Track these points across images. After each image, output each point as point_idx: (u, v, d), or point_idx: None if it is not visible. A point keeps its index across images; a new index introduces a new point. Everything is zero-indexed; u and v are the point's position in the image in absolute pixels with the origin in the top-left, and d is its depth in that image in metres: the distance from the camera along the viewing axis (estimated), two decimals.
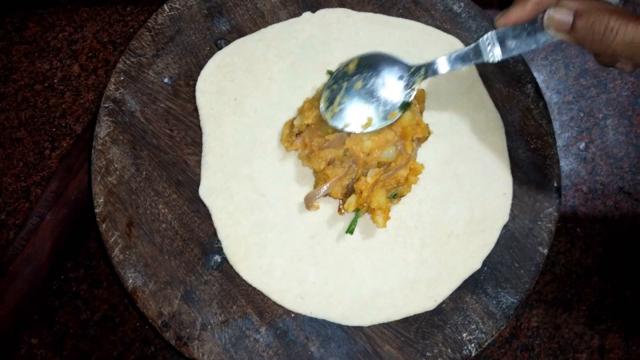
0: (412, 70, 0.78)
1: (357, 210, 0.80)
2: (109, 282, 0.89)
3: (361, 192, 0.77)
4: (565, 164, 0.99)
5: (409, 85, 0.78)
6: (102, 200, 0.78)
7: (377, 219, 0.78)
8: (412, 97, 0.78)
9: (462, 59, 0.75)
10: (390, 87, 0.79)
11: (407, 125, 0.79)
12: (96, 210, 0.78)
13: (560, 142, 0.99)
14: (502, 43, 0.70)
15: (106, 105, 0.82)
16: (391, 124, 0.78)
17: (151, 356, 0.87)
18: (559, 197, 0.84)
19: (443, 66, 0.77)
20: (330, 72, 0.85)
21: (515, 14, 0.68)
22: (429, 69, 0.77)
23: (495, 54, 0.71)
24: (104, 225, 0.78)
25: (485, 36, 0.71)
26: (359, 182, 0.77)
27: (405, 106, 0.78)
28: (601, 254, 0.95)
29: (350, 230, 0.80)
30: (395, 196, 0.81)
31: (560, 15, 0.63)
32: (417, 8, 0.90)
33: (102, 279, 0.89)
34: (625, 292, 0.94)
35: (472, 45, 0.73)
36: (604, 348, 0.92)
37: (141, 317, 0.86)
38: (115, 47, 1.00)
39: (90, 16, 1.01)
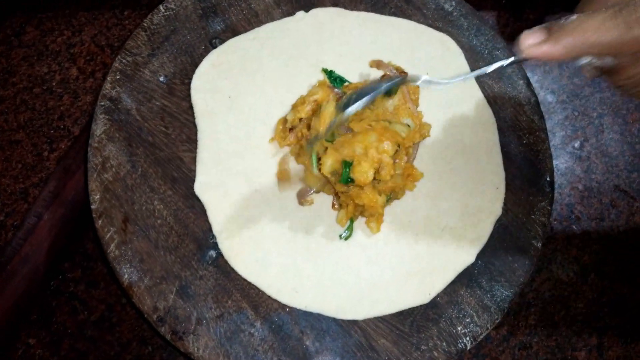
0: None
1: (350, 219, 0.80)
2: (106, 282, 0.89)
3: (347, 205, 0.78)
4: (561, 162, 0.99)
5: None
6: (98, 196, 0.79)
7: (370, 225, 0.80)
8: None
9: None
10: None
11: (407, 135, 0.80)
12: (92, 207, 0.79)
13: (555, 141, 0.99)
14: None
15: (102, 103, 0.83)
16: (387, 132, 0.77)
17: (148, 356, 0.86)
18: (552, 191, 0.84)
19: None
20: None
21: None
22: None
23: None
24: (100, 222, 0.78)
25: None
26: (345, 194, 0.77)
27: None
28: (598, 252, 0.95)
29: (345, 238, 0.81)
30: (388, 200, 0.81)
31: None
32: (409, 7, 0.91)
33: (100, 279, 0.89)
34: (623, 290, 0.93)
35: None
36: (602, 345, 0.91)
37: (137, 313, 0.86)
38: (113, 50, 1.01)
39: (88, 20, 1.02)
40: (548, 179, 0.84)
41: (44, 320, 0.87)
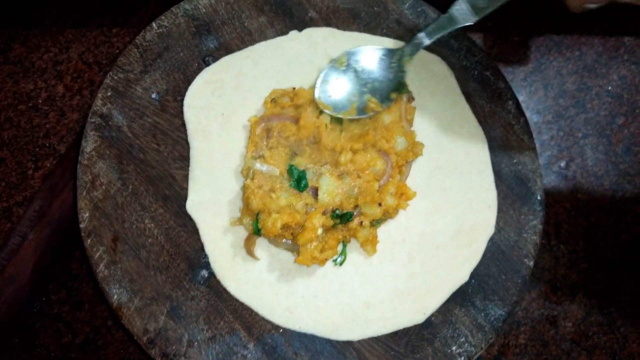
0: (397, 52, 0.84)
1: (342, 243, 0.80)
2: (91, 304, 0.87)
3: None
4: (547, 182, 1.00)
5: (399, 68, 0.84)
6: (87, 215, 0.77)
7: (366, 248, 0.79)
8: (405, 78, 0.84)
9: (440, 27, 0.81)
10: (383, 72, 0.85)
11: (401, 152, 0.81)
12: (81, 225, 0.77)
13: (541, 161, 1.00)
14: (473, 6, 0.77)
15: (93, 120, 0.81)
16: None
17: None
18: (543, 209, 0.85)
19: (424, 39, 0.82)
20: (332, 61, 0.87)
21: None
22: (413, 46, 0.83)
23: (469, 16, 0.78)
24: (89, 241, 0.76)
25: (456, 4, 0.78)
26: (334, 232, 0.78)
27: (400, 87, 0.83)
28: (585, 270, 0.96)
29: (340, 263, 0.80)
30: (379, 222, 0.81)
31: None
32: (400, 28, 0.92)
33: (85, 300, 0.87)
34: (611, 308, 0.94)
35: (445, 14, 0.80)
36: None
37: (126, 335, 0.84)
38: (100, 67, 1.00)
39: (76, 37, 1.01)
40: (539, 197, 0.85)
41: (26, 343, 0.84)
